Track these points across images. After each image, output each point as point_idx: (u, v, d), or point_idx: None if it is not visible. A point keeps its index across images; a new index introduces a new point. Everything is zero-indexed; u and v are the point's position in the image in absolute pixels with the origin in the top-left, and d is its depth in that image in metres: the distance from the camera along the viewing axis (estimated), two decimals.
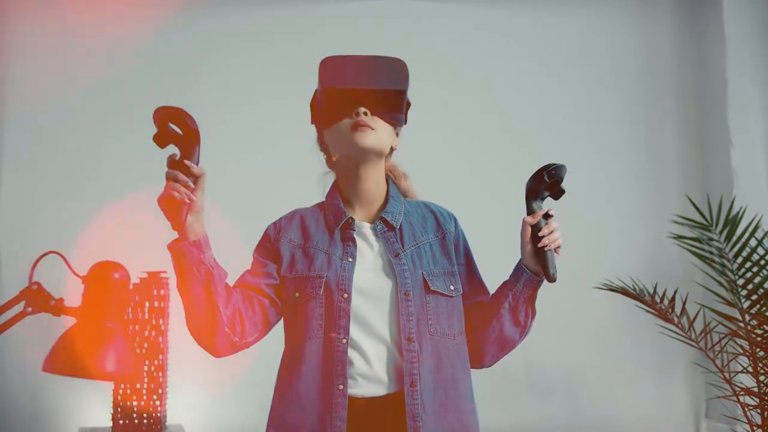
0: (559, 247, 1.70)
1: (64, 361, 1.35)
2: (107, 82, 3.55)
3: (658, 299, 3.20)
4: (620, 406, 3.68)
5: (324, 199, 1.83)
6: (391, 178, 1.86)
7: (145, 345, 3.01)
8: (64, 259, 1.41)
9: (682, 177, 3.91)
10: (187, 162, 1.50)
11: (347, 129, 1.69)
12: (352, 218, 1.73)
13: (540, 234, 1.68)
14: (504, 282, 1.75)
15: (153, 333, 3.03)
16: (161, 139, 1.50)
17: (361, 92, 1.69)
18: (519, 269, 1.72)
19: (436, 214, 1.83)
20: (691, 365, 3.74)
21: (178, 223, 1.51)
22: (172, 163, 1.51)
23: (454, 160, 3.61)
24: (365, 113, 1.70)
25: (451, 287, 1.73)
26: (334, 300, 1.63)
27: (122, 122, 3.49)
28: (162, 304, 3.02)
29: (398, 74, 1.73)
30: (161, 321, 3.04)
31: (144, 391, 2.97)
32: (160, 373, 3.00)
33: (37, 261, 1.40)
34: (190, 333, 1.63)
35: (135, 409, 2.96)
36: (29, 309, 1.37)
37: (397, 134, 1.82)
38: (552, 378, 3.65)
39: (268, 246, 1.76)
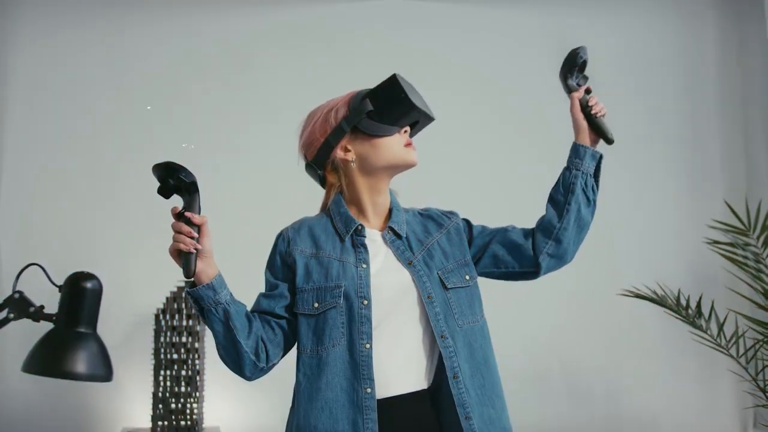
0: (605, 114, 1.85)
1: (40, 362, 1.49)
2: (108, 83, 3.63)
3: (684, 305, 3.15)
4: (661, 412, 3.62)
5: (323, 207, 1.88)
6: (392, 190, 1.93)
7: (182, 350, 3.18)
8: (44, 270, 1.56)
9: (720, 181, 3.82)
10: (187, 213, 1.59)
11: (401, 144, 1.78)
12: (361, 225, 1.80)
13: (591, 103, 1.84)
14: (566, 167, 1.85)
15: (190, 338, 3.19)
16: (163, 192, 1.61)
17: (417, 114, 1.78)
18: (578, 149, 1.83)
19: (433, 216, 1.91)
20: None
21: (189, 272, 1.59)
22: (175, 215, 1.60)
23: (504, 170, 3.68)
24: (407, 133, 1.81)
25: (467, 277, 1.80)
26: (355, 307, 1.71)
27: (123, 122, 3.60)
28: None
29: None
30: (198, 327, 3.20)
31: (182, 394, 3.14)
32: (197, 377, 3.16)
33: (20, 273, 1.55)
34: (223, 363, 1.75)
35: (172, 410, 3.13)
36: (11, 315, 1.52)
37: None
38: (590, 383, 3.63)
39: (279, 261, 1.82)
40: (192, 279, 1.63)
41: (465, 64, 3.80)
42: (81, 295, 1.52)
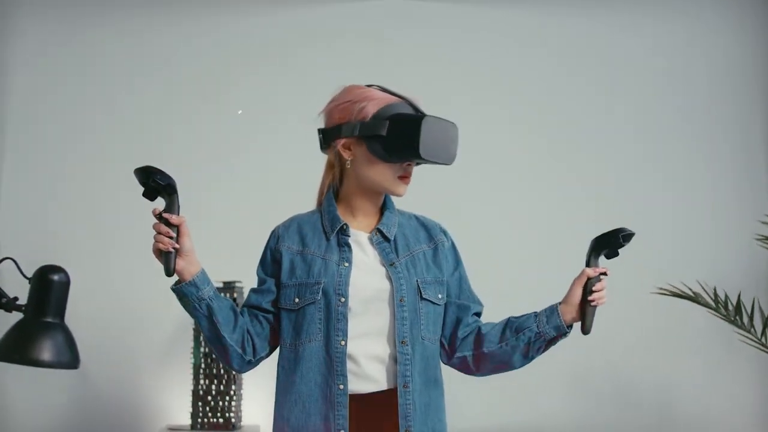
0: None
1: (9, 350, 1.59)
2: (108, 83, 3.70)
3: (722, 303, 3.01)
4: (715, 419, 3.47)
5: (319, 201, 1.92)
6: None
7: None
8: (16, 263, 1.65)
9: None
10: (165, 214, 1.66)
11: (395, 175, 1.79)
12: (346, 224, 1.84)
13: (594, 288, 1.76)
14: (531, 315, 1.83)
15: None
16: (147, 194, 1.68)
17: (424, 161, 1.77)
18: (553, 313, 1.80)
19: (428, 227, 1.93)
20: None
21: (169, 270, 1.67)
22: (155, 216, 1.68)
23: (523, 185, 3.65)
24: (412, 166, 1.82)
25: (439, 296, 1.84)
26: (332, 304, 1.76)
27: (124, 122, 3.68)
28: None
29: (455, 146, 1.79)
30: None
31: (221, 392, 3.23)
32: (233, 375, 3.25)
33: None
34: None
35: (211, 408, 3.23)
36: None
37: None
38: (640, 389, 3.51)
39: (268, 258, 1.88)
40: (172, 277, 1.71)
41: (466, 64, 3.77)
42: (48, 287, 1.61)
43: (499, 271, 3.27)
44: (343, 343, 1.73)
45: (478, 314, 1.94)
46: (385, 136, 1.72)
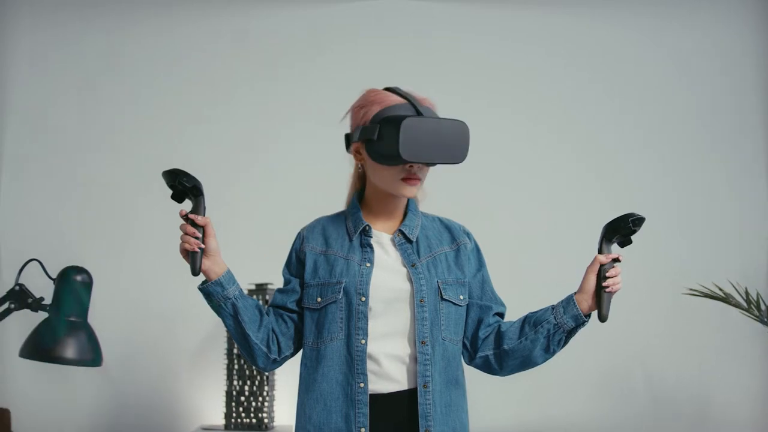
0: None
1: (34, 348, 1.63)
2: (108, 83, 3.68)
3: (754, 304, 2.95)
4: (744, 419, 3.40)
5: (345, 207, 1.96)
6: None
7: None
8: (41, 264, 1.70)
9: None
10: (191, 215, 1.70)
11: (396, 177, 1.77)
12: (368, 225, 1.85)
13: (608, 275, 1.75)
14: (548, 308, 1.82)
15: None
16: (175, 197, 1.72)
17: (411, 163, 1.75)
18: (570, 303, 1.79)
19: (451, 229, 1.93)
20: None
21: (194, 269, 1.70)
22: (182, 217, 1.72)
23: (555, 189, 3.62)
24: (419, 167, 1.79)
25: (461, 297, 1.85)
26: (353, 303, 1.78)
27: (125, 122, 3.66)
28: None
29: (462, 145, 1.76)
30: None
31: (254, 393, 3.26)
32: (266, 375, 3.27)
33: (22, 268, 1.70)
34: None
35: (244, 408, 3.26)
36: (12, 306, 1.67)
37: None
38: (678, 399, 3.45)
39: (293, 259, 1.92)
40: (199, 276, 1.74)
41: (468, 64, 3.72)
42: (71, 287, 1.65)
43: (517, 271, 3.24)
44: (363, 342, 1.75)
45: (501, 315, 1.93)
46: (375, 140, 1.73)
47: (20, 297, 1.67)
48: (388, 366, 1.75)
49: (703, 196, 3.58)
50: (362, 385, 1.73)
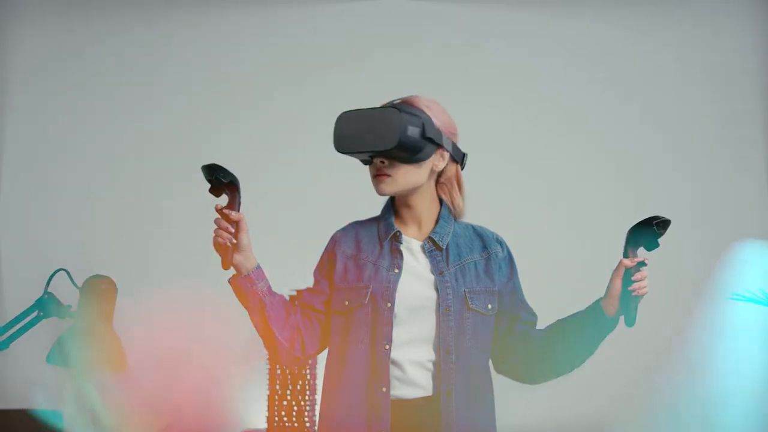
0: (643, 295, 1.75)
1: (61, 354, 1.68)
2: (109, 82, 3.69)
3: None
4: None
5: (380, 213, 1.98)
6: (445, 199, 1.95)
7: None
8: (68, 274, 1.75)
9: None
10: (225, 210, 1.71)
11: (372, 176, 1.82)
12: (399, 232, 1.86)
13: (634, 278, 1.71)
14: (575, 314, 1.80)
15: None
16: (214, 191, 1.73)
17: (353, 155, 1.81)
18: (597, 309, 1.76)
19: (483, 237, 1.92)
20: None
21: (225, 263, 1.72)
22: (217, 211, 1.73)
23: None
24: (382, 162, 1.80)
25: (489, 306, 1.83)
26: (379, 308, 1.79)
27: (125, 122, 3.68)
28: None
29: (391, 131, 1.77)
30: None
31: (295, 398, 3.30)
32: (307, 381, 3.31)
33: (51, 277, 1.76)
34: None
35: (286, 413, 3.30)
36: (41, 314, 1.73)
37: (442, 155, 1.91)
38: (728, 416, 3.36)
39: (325, 261, 1.92)
40: (230, 270, 1.75)
41: (468, 64, 3.68)
42: (96, 296, 1.70)
43: (542, 280, 3.21)
44: (387, 347, 1.75)
45: (532, 324, 1.91)
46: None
47: (48, 305, 1.72)
48: (412, 372, 1.75)
49: (704, 194, 3.52)
50: (384, 389, 1.73)
